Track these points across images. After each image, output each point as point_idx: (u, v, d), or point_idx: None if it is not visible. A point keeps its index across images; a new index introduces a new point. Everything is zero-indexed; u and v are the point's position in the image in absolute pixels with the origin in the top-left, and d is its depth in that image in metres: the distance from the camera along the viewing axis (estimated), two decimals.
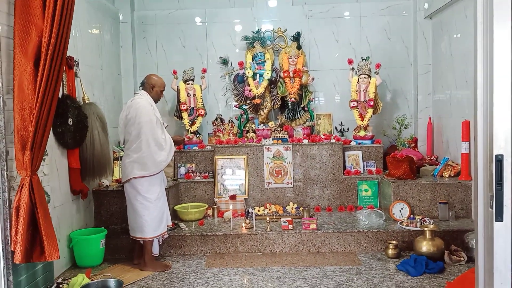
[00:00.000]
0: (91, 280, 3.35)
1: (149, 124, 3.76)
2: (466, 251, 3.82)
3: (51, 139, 3.70)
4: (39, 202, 2.81)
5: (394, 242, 3.99)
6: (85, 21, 4.60)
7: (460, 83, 4.82)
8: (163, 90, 4.05)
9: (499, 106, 1.80)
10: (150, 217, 3.77)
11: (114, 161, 5.03)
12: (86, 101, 4.27)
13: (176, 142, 4.15)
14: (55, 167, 3.77)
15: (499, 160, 1.77)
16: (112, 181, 4.92)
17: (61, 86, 3.63)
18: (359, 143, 5.30)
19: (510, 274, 1.84)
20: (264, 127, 5.42)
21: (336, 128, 5.69)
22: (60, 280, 3.50)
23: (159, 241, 3.99)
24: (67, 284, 3.36)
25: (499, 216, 1.78)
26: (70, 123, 3.86)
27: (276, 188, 5.06)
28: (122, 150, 5.16)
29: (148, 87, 3.93)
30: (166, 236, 4.01)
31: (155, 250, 3.96)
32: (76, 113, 3.95)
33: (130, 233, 3.89)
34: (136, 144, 3.77)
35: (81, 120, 4.01)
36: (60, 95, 3.72)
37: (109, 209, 4.63)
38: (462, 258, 3.77)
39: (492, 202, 1.80)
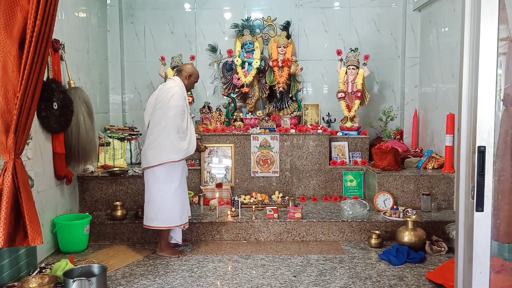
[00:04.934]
0: (75, 266, 3.33)
1: (176, 110, 3.63)
2: (446, 242, 3.90)
3: (36, 123, 3.66)
4: (22, 186, 2.77)
5: (377, 232, 4.06)
6: (71, 4, 4.51)
7: (447, 76, 4.87)
8: (197, 82, 3.96)
9: (483, 99, 1.83)
10: (167, 206, 3.66)
11: (100, 147, 4.99)
12: (72, 85, 4.21)
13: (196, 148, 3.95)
14: (39, 152, 3.72)
15: (482, 151, 1.80)
16: (97, 167, 4.88)
17: (46, 69, 3.58)
18: (346, 134, 5.34)
19: (489, 263, 1.89)
20: (251, 116, 5.41)
21: (323, 118, 5.71)
22: (43, 265, 3.48)
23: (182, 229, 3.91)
24: (50, 269, 3.34)
25: (480, 207, 1.82)
26: (55, 107, 3.81)
27: (263, 177, 5.08)
28: (108, 136, 5.13)
29: (185, 74, 3.82)
30: (187, 226, 3.91)
31: (178, 238, 3.89)
32: (61, 97, 3.89)
33: (145, 222, 3.77)
34: (159, 129, 3.65)
35: (66, 104, 3.95)
36: (45, 79, 3.66)
37: (94, 195, 4.59)
38: (442, 249, 3.85)
39: (473, 192, 1.83)
